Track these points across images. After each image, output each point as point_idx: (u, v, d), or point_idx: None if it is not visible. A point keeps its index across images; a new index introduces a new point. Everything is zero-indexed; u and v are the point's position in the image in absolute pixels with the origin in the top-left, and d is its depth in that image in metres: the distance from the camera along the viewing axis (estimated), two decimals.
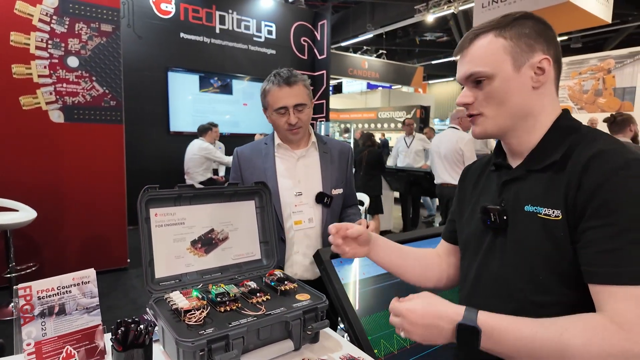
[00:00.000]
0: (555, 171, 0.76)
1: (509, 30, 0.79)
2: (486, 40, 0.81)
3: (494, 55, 0.79)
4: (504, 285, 0.81)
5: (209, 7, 6.46)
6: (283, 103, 1.45)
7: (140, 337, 0.90)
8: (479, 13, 5.47)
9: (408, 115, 12.52)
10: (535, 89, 0.80)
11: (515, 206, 0.81)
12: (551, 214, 0.74)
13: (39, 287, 0.94)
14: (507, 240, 0.82)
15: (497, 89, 0.80)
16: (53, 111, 3.61)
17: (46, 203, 3.54)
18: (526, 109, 0.80)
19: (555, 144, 0.79)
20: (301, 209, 1.50)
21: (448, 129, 4.26)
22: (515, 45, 0.78)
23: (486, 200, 0.88)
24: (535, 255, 0.76)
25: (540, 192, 0.77)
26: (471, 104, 0.84)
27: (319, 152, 1.58)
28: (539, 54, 0.78)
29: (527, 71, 0.79)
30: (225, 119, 6.72)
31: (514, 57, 0.78)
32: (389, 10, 10.83)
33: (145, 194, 1.11)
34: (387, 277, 1.38)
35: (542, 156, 0.80)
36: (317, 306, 1.02)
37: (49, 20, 3.54)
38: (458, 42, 0.87)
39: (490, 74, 0.79)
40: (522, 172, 0.82)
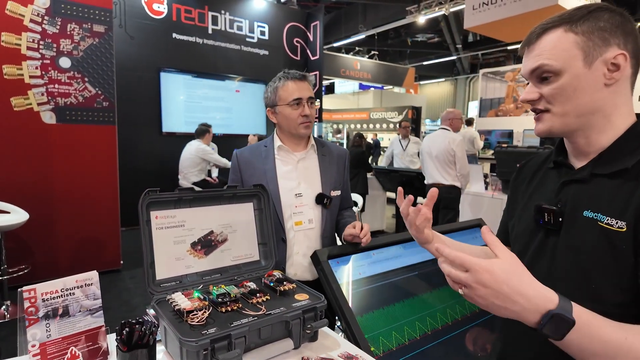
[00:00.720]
0: (625, 179, 0.71)
1: (582, 25, 0.73)
2: (555, 35, 0.75)
3: (563, 49, 0.74)
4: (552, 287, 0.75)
5: (202, 8, 6.45)
6: (298, 95, 1.50)
7: (144, 338, 0.92)
8: (469, 15, 5.54)
9: (400, 115, 12.59)
10: (607, 86, 0.74)
11: (573, 209, 0.77)
12: (614, 224, 0.70)
13: (43, 290, 0.95)
14: (559, 243, 0.78)
15: (565, 85, 0.74)
16: (45, 112, 3.59)
17: (38, 205, 3.52)
18: (596, 108, 0.75)
19: (629, 150, 0.73)
20: (301, 210, 1.53)
21: (439, 130, 4.32)
22: (588, 39, 0.73)
23: (541, 199, 0.85)
24: (590, 263, 0.73)
25: (605, 198, 0.73)
26: (536, 100, 0.79)
27: (318, 154, 1.61)
28: (614, 48, 0.72)
29: (600, 67, 0.73)
30: (217, 120, 6.71)
31: (585, 52, 0.73)
32: (380, 11, 10.90)
33: (146, 197, 1.13)
34: (382, 277, 1.42)
35: (612, 161, 0.74)
36: (316, 306, 1.05)
37: (40, 20, 3.52)
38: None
39: (559, 69, 0.74)
40: (586, 174, 0.77)
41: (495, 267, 0.63)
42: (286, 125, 1.55)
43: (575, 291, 0.74)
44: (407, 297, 1.41)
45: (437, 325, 1.38)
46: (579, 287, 0.74)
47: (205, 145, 5.08)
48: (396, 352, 1.24)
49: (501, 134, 8.10)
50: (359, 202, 4.56)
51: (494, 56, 16.24)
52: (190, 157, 5.02)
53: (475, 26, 5.58)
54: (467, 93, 19.88)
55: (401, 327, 1.30)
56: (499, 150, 4.21)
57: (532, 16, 4.91)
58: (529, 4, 4.78)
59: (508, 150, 4.14)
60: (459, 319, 1.45)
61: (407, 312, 1.36)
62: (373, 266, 1.43)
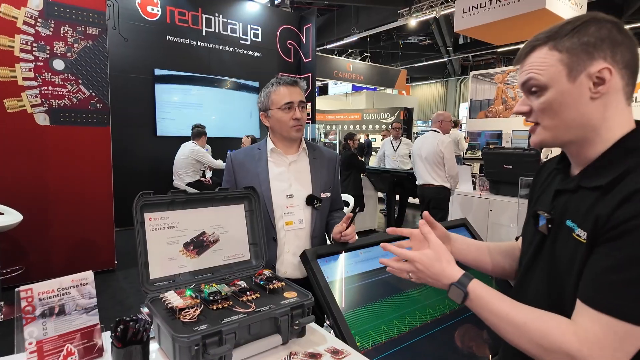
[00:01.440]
0: (601, 193, 0.73)
1: (566, 42, 0.75)
2: (541, 52, 0.78)
3: (548, 67, 0.76)
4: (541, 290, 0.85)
5: (195, 10, 6.48)
6: (290, 99, 1.56)
7: (138, 334, 0.96)
8: (459, 18, 5.64)
9: (392, 116, 12.69)
10: (593, 100, 0.74)
11: (561, 217, 0.81)
12: (581, 236, 0.74)
13: (40, 289, 0.99)
14: (548, 248, 0.84)
15: (552, 100, 0.77)
16: (39, 114, 3.60)
17: (32, 206, 3.53)
18: (584, 122, 0.76)
19: (612, 164, 0.74)
20: (292, 211, 1.58)
21: (429, 132, 4.40)
22: (572, 55, 0.74)
23: (542, 204, 0.90)
24: (563, 269, 0.78)
25: (582, 211, 0.76)
26: (527, 112, 0.82)
27: (309, 157, 1.67)
28: (599, 62, 0.73)
29: (585, 81, 0.74)
30: (212, 121, 6.73)
31: (569, 68, 0.74)
32: (372, 13, 10.98)
33: (140, 199, 1.17)
34: (370, 274, 1.47)
35: (594, 175, 0.76)
36: (304, 303, 1.09)
37: (33, 23, 3.54)
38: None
39: (545, 83, 0.77)
40: (574, 185, 0.80)
41: (423, 256, 0.88)
42: (278, 129, 1.60)
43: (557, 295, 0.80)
44: (394, 294, 1.46)
45: (423, 320, 1.43)
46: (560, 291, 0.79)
47: (199, 146, 5.11)
48: (384, 346, 1.28)
49: (490, 135, 8.20)
50: (351, 203, 4.61)
51: (484, 58, 16.42)
52: (184, 159, 5.05)
53: (465, 29, 5.67)
54: (458, 94, 20.06)
55: (388, 322, 1.35)
56: (486, 151, 4.29)
57: (520, 20, 5.01)
58: (516, 7, 4.88)
59: (495, 151, 4.22)
60: (444, 314, 1.50)
61: (394, 307, 1.41)
62: (361, 264, 1.48)
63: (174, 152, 5.21)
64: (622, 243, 0.67)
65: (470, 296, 0.82)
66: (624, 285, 0.66)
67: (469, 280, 0.83)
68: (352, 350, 1.07)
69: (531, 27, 5.31)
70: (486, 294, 0.81)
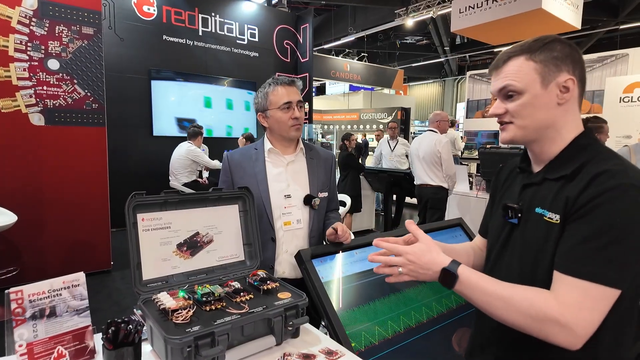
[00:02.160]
0: (566, 181, 0.87)
1: (539, 55, 0.89)
2: (518, 61, 0.90)
3: (525, 74, 0.89)
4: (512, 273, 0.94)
5: (192, 10, 6.46)
6: (288, 98, 1.56)
7: (129, 336, 0.95)
8: (456, 18, 5.64)
9: (389, 116, 12.70)
10: (559, 105, 0.89)
11: (529, 207, 0.93)
12: (553, 218, 0.86)
13: (30, 291, 0.98)
14: (517, 236, 0.95)
15: (526, 103, 0.90)
16: (33, 114, 3.58)
17: (27, 207, 3.51)
18: (550, 122, 0.90)
19: (571, 158, 0.89)
20: (290, 211, 1.59)
21: (427, 132, 4.38)
22: (545, 66, 0.88)
23: (509, 198, 1.01)
24: (537, 250, 0.89)
25: (550, 198, 0.89)
26: (502, 114, 0.94)
27: (307, 157, 1.67)
28: (565, 74, 0.88)
29: (554, 89, 0.88)
30: (208, 121, 6.72)
31: (542, 76, 0.88)
32: (369, 13, 10.98)
33: (132, 199, 1.16)
34: (365, 275, 1.47)
35: (557, 167, 0.90)
36: (298, 303, 1.09)
37: (28, 22, 3.51)
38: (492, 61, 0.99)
39: (521, 89, 0.89)
40: (540, 178, 0.94)
41: (415, 249, 0.91)
42: (277, 129, 1.60)
43: (531, 277, 0.90)
44: (389, 294, 1.45)
45: (418, 320, 1.43)
46: (532, 270, 0.90)
47: (195, 147, 5.09)
48: (378, 347, 1.28)
49: (487, 134, 8.22)
50: (347, 203, 4.61)
51: (480, 58, 16.45)
52: (180, 159, 5.03)
53: (461, 29, 5.67)
54: (455, 94, 20.10)
55: (382, 323, 1.35)
56: (482, 151, 4.30)
57: (516, 20, 5.01)
58: (513, 8, 4.88)
59: (491, 150, 4.22)
60: (440, 314, 1.50)
61: (389, 308, 1.41)
62: (356, 265, 1.48)
63: (170, 152, 5.19)
64: (591, 217, 0.79)
65: (461, 278, 0.87)
66: (595, 252, 0.78)
67: (458, 265, 0.89)
68: (346, 351, 1.07)
69: (527, 27, 5.31)
70: (474, 275, 0.88)
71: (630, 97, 6.89)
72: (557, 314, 0.77)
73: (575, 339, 0.78)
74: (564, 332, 0.78)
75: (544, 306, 0.79)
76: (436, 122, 4.30)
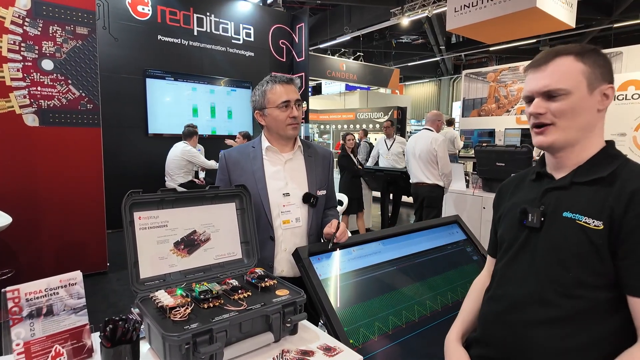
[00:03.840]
0: (601, 186, 0.87)
1: (588, 58, 0.90)
2: (567, 60, 0.90)
3: (574, 75, 0.89)
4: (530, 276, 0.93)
5: (187, 10, 6.43)
6: (286, 97, 1.54)
7: (127, 334, 0.95)
8: (451, 17, 5.65)
9: (386, 116, 12.71)
10: (599, 111, 0.91)
11: (554, 210, 0.92)
12: (590, 223, 0.85)
13: (27, 290, 0.97)
14: (540, 239, 0.93)
15: (572, 104, 0.89)
16: (27, 115, 3.56)
17: (22, 208, 3.48)
18: (589, 127, 0.91)
19: (603, 164, 0.90)
20: (289, 209, 1.58)
21: (423, 130, 4.41)
22: (592, 72, 0.89)
23: (525, 204, 0.98)
24: (569, 255, 0.87)
25: (582, 202, 0.88)
26: (543, 114, 0.92)
27: (305, 155, 1.66)
28: (607, 83, 0.91)
29: (597, 95, 0.90)
30: (204, 121, 6.70)
31: (589, 81, 0.89)
32: (365, 13, 10.98)
33: (129, 198, 1.15)
34: (362, 272, 1.47)
35: (588, 172, 0.90)
36: (296, 300, 1.09)
37: (21, 22, 3.49)
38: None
39: (569, 90, 0.89)
40: (567, 182, 0.93)
41: None
42: (275, 127, 1.59)
43: (555, 278, 0.89)
44: (386, 291, 1.46)
45: (415, 317, 1.43)
46: (559, 275, 0.88)
47: (191, 147, 5.08)
48: (376, 343, 1.28)
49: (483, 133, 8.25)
50: (345, 202, 4.61)
51: (476, 57, 16.50)
52: (175, 159, 5.01)
53: (457, 28, 5.68)
54: (451, 93, 20.15)
55: (381, 319, 1.35)
56: (479, 149, 4.32)
57: (511, 18, 5.03)
58: (508, 6, 4.90)
59: (487, 149, 4.24)
60: (435, 311, 1.50)
61: (387, 305, 1.41)
62: (353, 262, 1.48)
63: (166, 152, 5.17)
64: None
65: None
66: None
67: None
68: (344, 347, 1.07)
69: (522, 26, 5.34)
70: None
71: (624, 95, 6.93)
72: None
73: None
74: None
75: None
76: (432, 121, 4.33)
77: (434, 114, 4.39)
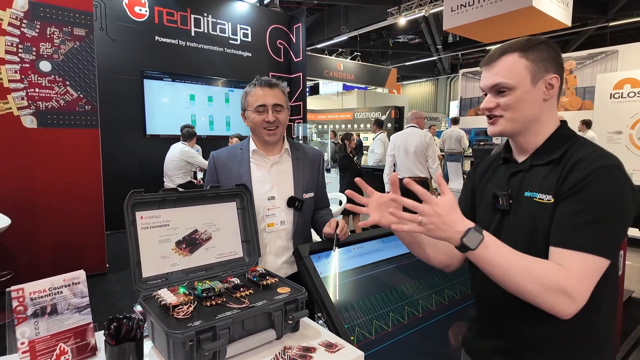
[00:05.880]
0: (553, 165, 0.95)
1: (531, 54, 0.96)
2: (512, 57, 0.97)
3: (517, 71, 0.96)
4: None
5: (184, 10, 6.44)
6: (263, 101, 1.55)
7: (132, 332, 0.96)
8: (448, 16, 5.68)
9: (383, 115, 12.74)
10: (545, 101, 0.98)
11: (518, 192, 1.00)
12: (544, 198, 0.93)
13: (31, 289, 0.98)
14: (511, 220, 1.00)
15: (517, 98, 0.97)
16: (25, 116, 3.56)
17: (20, 210, 3.48)
18: (536, 116, 0.98)
19: (556, 146, 0.98)
20: (274, 212, 1.58)
21: (409, 127, 4.72)
22: (535, 65, 0.96)
23: (495, 188, 1.06)
24: (533, 230, 0.94)
25: (538, 181, 0.97)
26: (494, 108, 1.00)
27: (292, 158, 1.67)
28: (551, 73, 0.97)
29: (541, 86, 0.97)
30: (201, 122, 6.71)
31: (532, 75, 0.96)
32: (362, 13, 11.01)
33: (131, 198, 1.16)
34: (362, 270, 1.48)
35: (544, 154, 0.98)
36: (297, 297, 1.10)
37: (19, 24, 3.49)
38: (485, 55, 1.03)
39: (513, 85, 0.96)
40: (527, 165, 1.01)
41: (445, 202, 0.89)
42: (253, 130, 1.62)
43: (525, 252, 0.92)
44: (386, 289, 1.47)
45: (414, 314, 1.45)
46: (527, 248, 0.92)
47: (189, 147, 5.09)
48: (375, 341, 1.30)
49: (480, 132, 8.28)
50: (343, 202, 4.64)
51: (473, 56, 16.55)
52: (174, 160, 5.02)
53: (454, 27, 5.71)
54: (448, 92, 20.21)
55: (380, 317, 1.37)
56: (476, 147, 4.38)
57: (508, 18, 5.06)
58: (504, 5, 4.93)
59: (485, 147, 4.31)
60: (435, 308, 1.52)
61: (386, 302, 1.43)
62: (353, 260, 1.50)
63: (164, 153, 5.18)
64: (581, 195, 0.87)
65: (486, 240, 0.87)
66: (586, 226, 0.85)
67: (481, 229, 0.89)
68: (345, 344, 1.08)
69: (519, 25, 5.37)
70: (497, 240, 0.89)
71: (620, 93, 6.98)
72: (567, 284, 0.82)
73: (574, 309, 0.83)
74: (569, 301, 0.82)
75: (556, 276, 0.83)
76: (416, 119, 4.71)
77: (416, 113, 4.79)
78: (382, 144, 6.63)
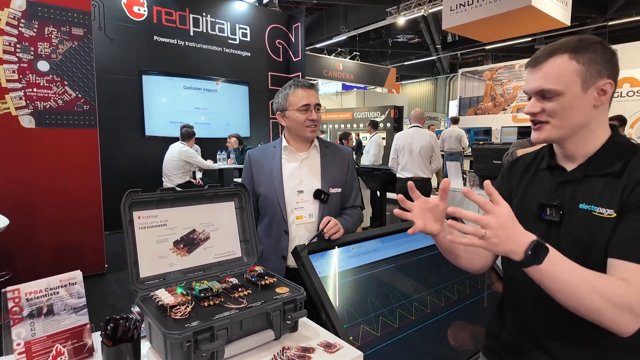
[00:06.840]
0: (612, 178, 0.89)
1: (583, 55, 0.89)
2: (561, 60, 0.90)
3: (566, 76, 0.89)
4: None
5: (183, 10, 6.43)
6: (307, 101, 1.66)
7: (128, 332, 0.95)
8: (447, 15, 5.67)
9: (382, 115, 12.73)
10: (595, 107, 0.91)
11: (571, 203, 0.93)
12: (604, 213, 0.88)
13: (27, 289, 0.97)
14: (561, 231, 0.93)
15: (565, 105, 0.90)
16: (24, 116, 3.55)
17: (19, 210, 3.47)
18: (585, 123, 0.92)
19: (613, 156, 0.91)
20: (302, 205, 1.66)
21: (413, 127, 4.68)
22: (587, 70, 0.89)
23: (539, 196, 0.99)
24: (589, 244, 0.89)
25: (595, 194, 0.90)
26: (538, 113, 0.94)
27: (321, 154, 1.75)
28: (604, 78, 0.90)
29: (592, 92, 0.90)
30: (201, 122, 6.69)
31: (583, 80, 0.89)
32: (361, 12, 11.00)
33: (128, 197, 1.15)
34: (361, 269, 1.48)
35: (600, 165, 0.92)
36: (296, 297, 1.09)
37: (16, 23, 3.48)
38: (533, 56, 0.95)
39: (561, 91, 0.90)
40: (579, 176, 0.94)
41: (504, 211, 0.80)
42: (294, 128, 1.69)
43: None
44: (385, 289, 1.46)
45: (413, 314, 1.44)
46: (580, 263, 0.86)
47: (188, 147, 5.08)
48: (375, 340, 1.29)
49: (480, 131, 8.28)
50: None
51: (472, 56, 16.55)
52: (173, 160, 5.01)
53: (453, 27, 5.70)
54: (447, 92, 20.20)
55: (379, 317, 1.36)
56: (476, 147, 4.36)
57: (507, 17, 5.06)
58: (503, 5, 4.92)
59: (484, 147, 4.28)
60: (434, 308, 1.51)
61: (385, 302, 1.42)
62: (352, 259, 1.49)
63: (163, 153, 5.17)
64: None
65: (551, 253, 0.80)
66: None
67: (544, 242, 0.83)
68: (344, 344, 1.07)
69: (518, 24, 5.36)
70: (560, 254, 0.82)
71: (619, 93, 6.97)
72: (635, 301, 0.77)
73: (636, 327, 0.79)
74: (633, 319, 0.78)
75: (624, 293, 0.78)
76: (422, 119, 4.69)
77: (419, 112, 4.76)
78: (377, 145, 6.65)
